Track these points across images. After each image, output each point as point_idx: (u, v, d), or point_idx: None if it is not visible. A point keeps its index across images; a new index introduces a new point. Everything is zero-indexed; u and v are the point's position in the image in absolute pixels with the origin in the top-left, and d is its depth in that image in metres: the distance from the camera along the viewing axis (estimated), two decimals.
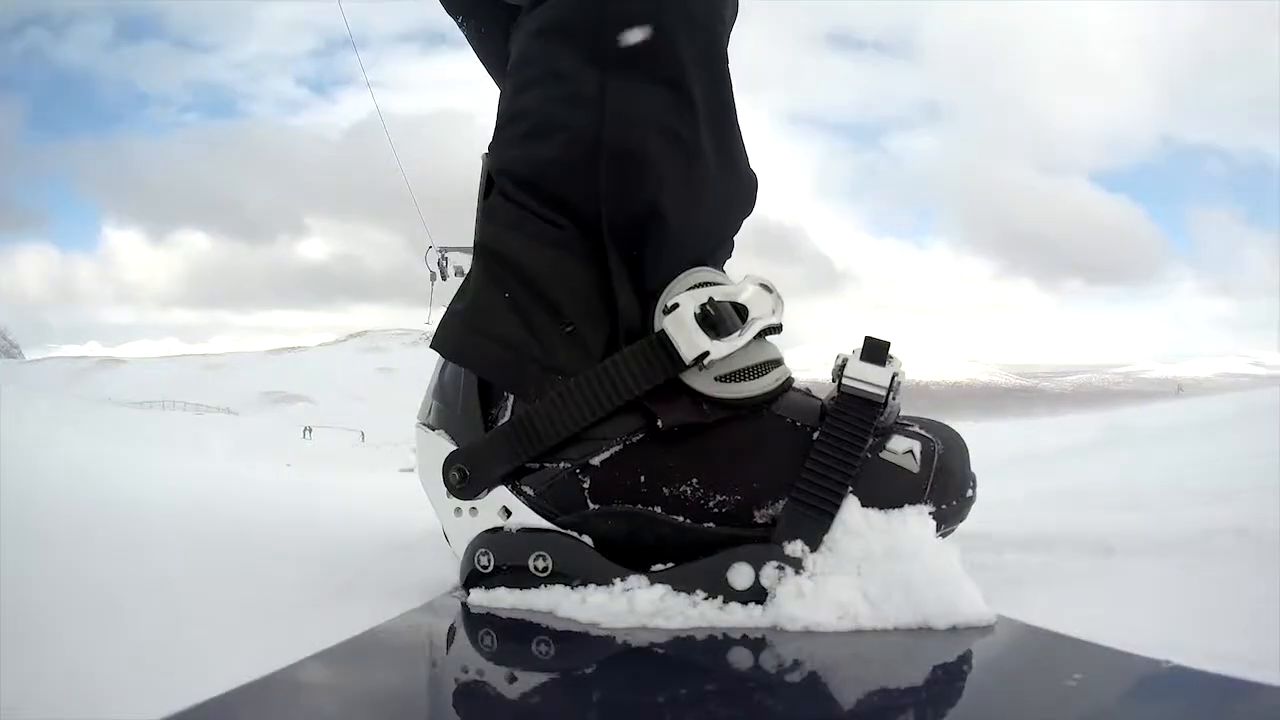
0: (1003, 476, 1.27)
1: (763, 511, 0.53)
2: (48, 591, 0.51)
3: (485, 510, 0.57)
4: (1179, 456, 1.56)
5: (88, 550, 0.63)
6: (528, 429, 0.55)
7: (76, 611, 0.50)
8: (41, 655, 0.42)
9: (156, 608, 0.54)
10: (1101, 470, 1.54)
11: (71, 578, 0.57)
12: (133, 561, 0.63)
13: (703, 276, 0.57)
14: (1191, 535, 0.68)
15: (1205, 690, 0.33)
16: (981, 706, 0.36)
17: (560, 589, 0.53)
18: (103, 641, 0.45)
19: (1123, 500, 1.04)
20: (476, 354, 0.58)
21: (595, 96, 0.56)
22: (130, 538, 0.69)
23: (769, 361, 0.57)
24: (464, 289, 0.60)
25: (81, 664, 0.42)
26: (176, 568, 0.61)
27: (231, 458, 1.36)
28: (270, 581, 0.61)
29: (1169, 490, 1.07)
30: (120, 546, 0.65)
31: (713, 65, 0.59)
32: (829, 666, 0.43)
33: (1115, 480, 1.36)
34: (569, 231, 0.58)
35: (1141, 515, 0.86)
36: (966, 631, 0.44)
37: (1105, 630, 0.40)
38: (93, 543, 0.67)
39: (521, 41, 0.61)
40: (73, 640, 0.45)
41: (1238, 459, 1.33)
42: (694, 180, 0.58)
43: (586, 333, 0.57)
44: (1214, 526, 0.69)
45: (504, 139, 0.60)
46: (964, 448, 0.57)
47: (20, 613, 0.47)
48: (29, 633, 0.44)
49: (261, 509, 0.95)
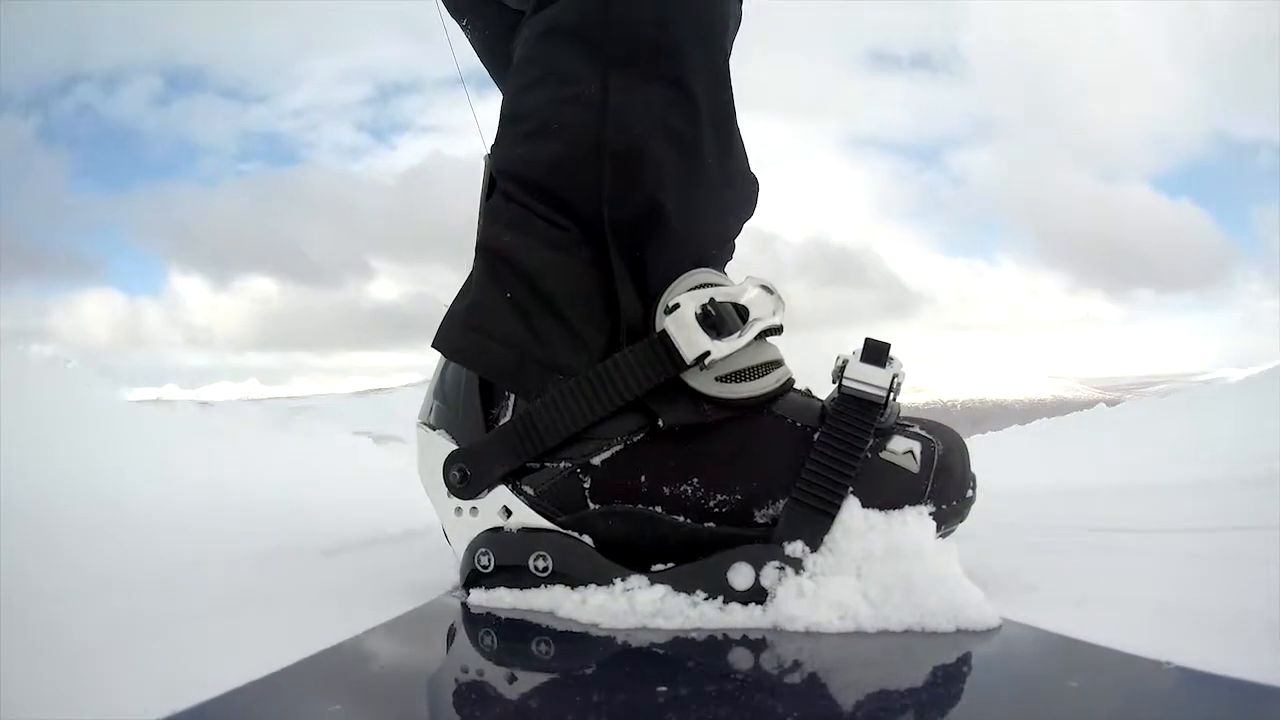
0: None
1: (763, 512, 0.53)
2: (48, 591, 0.51)
3: (486, 510, 0.57)
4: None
5: (89, 549, 0.63)
6: (528, 429, 0.55)
7: (77, 611, 0.50)
8: (42, 655, 0.42)
9: (157, 607, 0.54)
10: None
11: (74, 577, 0.57)
12: (134, 561, 0.64)
13: (704, 278, 0.57)
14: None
15: (1207, 692, 0.33)
16: (982, 708, 0.36)
17: (561, 589, 0.53)
18: (103, 641, 0.45)
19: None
20: (477, 354, 0.58)
21: (598, 98, 0.56)
22: (133, 535, 0.69)
23: (770, 362, 0.57)
24: (465, 288, 0.60)
25: (82, 664, 0.42)
26: (179, 568, 0.61)
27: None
28: (270, 581, 0.61)
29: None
30: (123, 544, 0.65)
31: (715, 68, 0.59)
32: (829, 667, 0.43)
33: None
34: (571, 232, 0.58)
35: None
36: (967, 633, 0.44)
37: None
38: (95, 541, 0.67)
39: (525, 44, 0.61)
40: (73, 640, 0.45)
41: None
42: (696, 182, 0.58)
43: (587, 333, 0.57)
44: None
45: (506, 140, 0.60)
46: (964, 448, 0.57)
47: (21, 612, 0.47)
48: (29, 632, 0.44)
49: (267, 508, 0.95)
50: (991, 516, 0.83)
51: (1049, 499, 1.16)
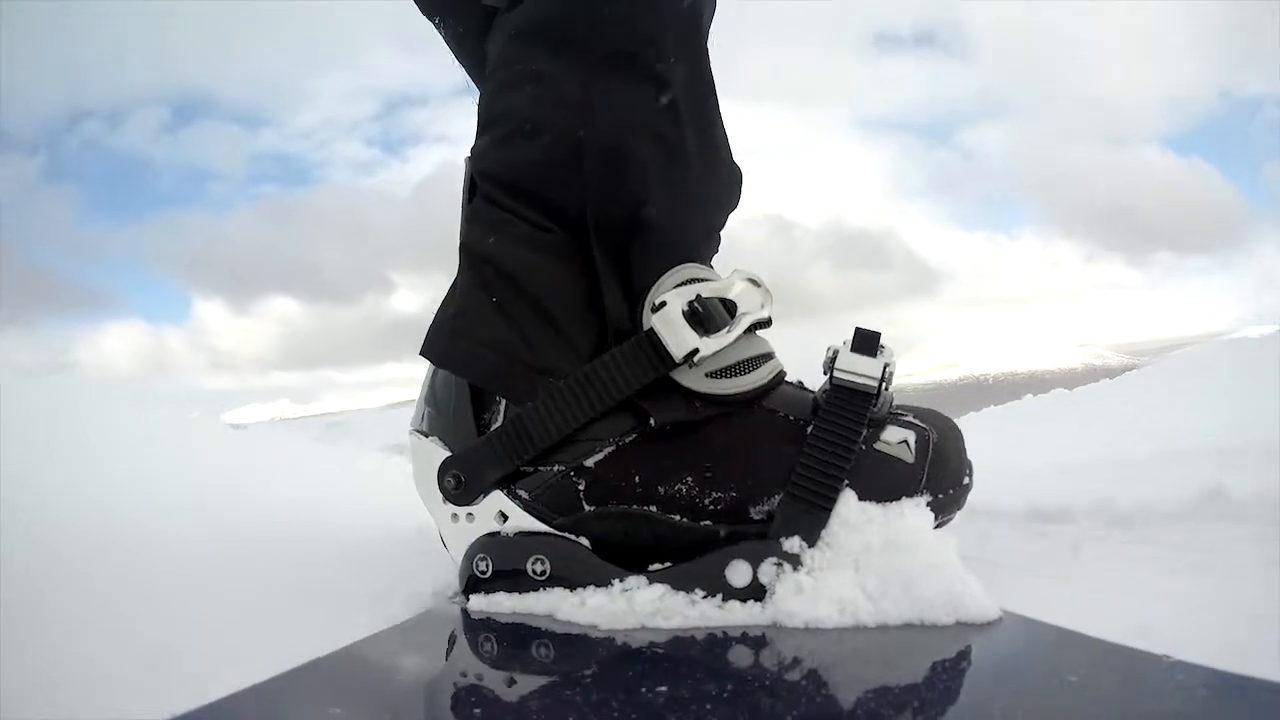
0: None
1: (759, 507, 0.53)
2: (49, 592, 0.52)
3: (481, 515, 0.57)
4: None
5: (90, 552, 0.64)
6: (520, 432, 0.55)
7: (77, 613, 0.50)
8: (42, 655, 0.42)
9: (156, 610, 0.54)
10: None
11: (73, 579, 0.57)
12: (134, 563, 0.64)
13: (690, 273, 0.57)
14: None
15: (1207, 686, 0.33)
16: (981, 702, 0.36)
17: (559, 591, 0.53)
18: (102, 644, 0.45)
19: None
20: (465, 359, 0.58)
21: (577, 97, 0.55)
22: (133, 538, 0.69)
23: (759, 356, 0.56)
24: (450, 294, 0.60)
25: (82, 666, 0.42)
26: (178, 570, 0.61)
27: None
28: (269, 587, 0.61)
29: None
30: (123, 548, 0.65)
31: (693, 61, 0.58)
32: (829, 663, 0.43)
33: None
34: (554, 233, 0.57)
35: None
36: (966, 626, 0.44)
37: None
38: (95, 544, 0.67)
39: (500, 43, 0.60)
40: (73, 642, 0.45)
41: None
42: (679, 178, 0.57)
43: (575, 334, 0.56)
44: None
45: (486, 141, 0.60)
46: (959, 435, 0.57)
47: (22, 613, 0.47)
48: (30, 633, 0.45)
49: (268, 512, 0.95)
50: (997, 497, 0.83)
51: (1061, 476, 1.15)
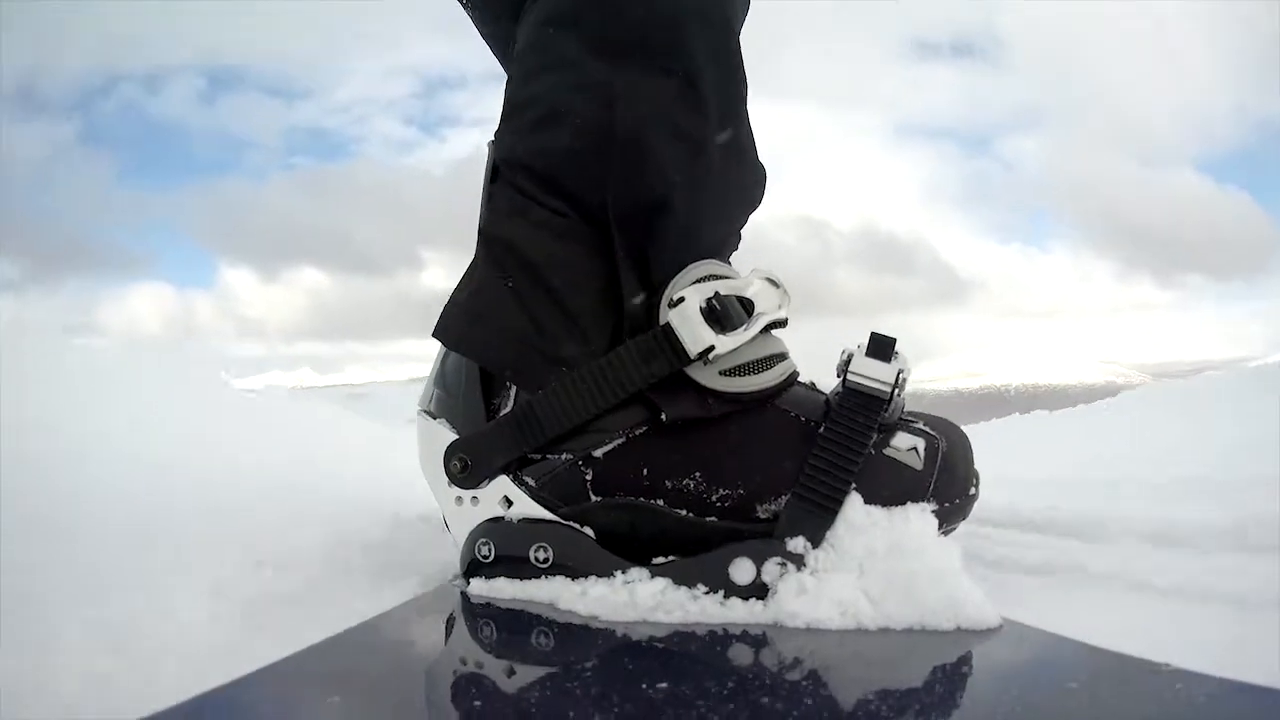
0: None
1: (765, 506, 0.53)
2: (45, 583, 0.51)
3: (486, 500, 0.56)
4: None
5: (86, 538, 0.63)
6: (530, 419, 0.55)
7: (72, 604, 0.50)
8: (43, 654, 0.42)
9: (153, 597, 0.53)
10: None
11: (70, 568, 0.56)
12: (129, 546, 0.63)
13: (709, 269, 0.56)
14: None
15: (1206, 693, 0.33)
16: (981, 708, 0.36)
17: (561, 580, 0.53)
18: (100, 634, 0.45)
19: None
20: (479, 343, 0.58)
21: (604, 86, 0.55)
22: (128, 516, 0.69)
23: (774, 356, 0.56)
24: (467, 276, 0.59)
25: (80, 659, 0.41)
26: (174, 556, 0.61)
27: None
28: (269, 570, 0.61)
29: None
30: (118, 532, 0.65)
31: (723, 57, 0.58)
32: (829, 664, 0.43)
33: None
34: (575, 221, 0.57)
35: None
36: (967, 632, 0.44)
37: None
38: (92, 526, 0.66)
39: (529, 29, 0.59)
40: (71, 635, 0.45)
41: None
42: (702, 173, 0.57)
43: (590, 324, 0.56)
44: None
45: (511, 127, 0.59)
46: (967, 445, 0.57)
47: (19, 603, 0.47)
48: (29, 626, 0.44)
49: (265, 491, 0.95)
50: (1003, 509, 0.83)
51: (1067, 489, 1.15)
